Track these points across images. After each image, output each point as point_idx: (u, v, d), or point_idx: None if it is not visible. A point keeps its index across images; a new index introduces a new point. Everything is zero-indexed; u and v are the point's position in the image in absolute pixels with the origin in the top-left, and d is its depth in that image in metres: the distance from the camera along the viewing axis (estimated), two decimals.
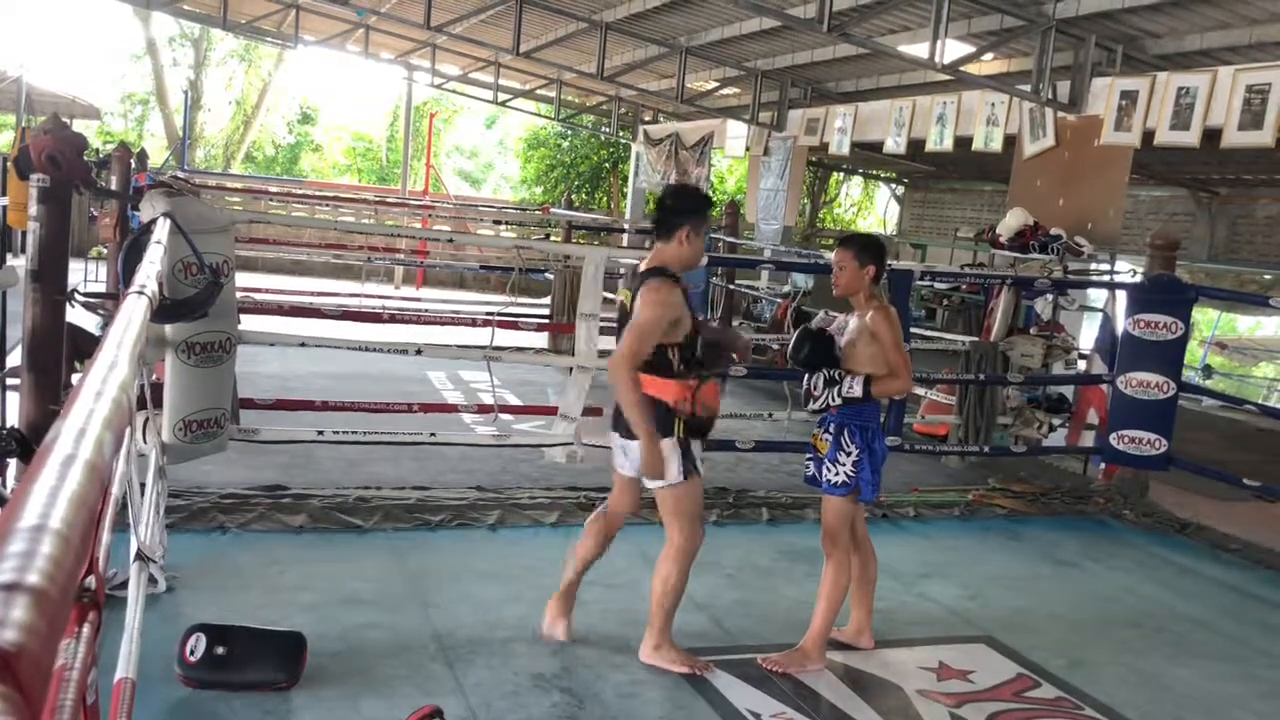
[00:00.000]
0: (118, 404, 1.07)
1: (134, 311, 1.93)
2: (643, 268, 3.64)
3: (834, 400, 3.82)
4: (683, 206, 3.57)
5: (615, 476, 3.89)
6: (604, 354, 5.97)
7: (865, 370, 3.82)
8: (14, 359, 4.98)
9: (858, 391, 3.79)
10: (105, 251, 9.78)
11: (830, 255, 4.01)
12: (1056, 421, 7.27)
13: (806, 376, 3.90)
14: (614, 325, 4.21)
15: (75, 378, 4.21)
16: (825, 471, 3.88)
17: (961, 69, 8.16)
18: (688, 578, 3.72)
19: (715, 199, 18.81)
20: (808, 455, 4.03)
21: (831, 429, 3.89)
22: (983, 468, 7.22)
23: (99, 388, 1.10)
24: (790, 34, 10.08)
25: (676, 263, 3.57)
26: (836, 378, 3.82)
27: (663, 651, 3.70)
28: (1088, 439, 7.12)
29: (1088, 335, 8.23)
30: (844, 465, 3.84)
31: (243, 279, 6.74)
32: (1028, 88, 8.13)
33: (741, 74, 12.15)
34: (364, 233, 14.37)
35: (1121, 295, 6.82)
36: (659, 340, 3.50)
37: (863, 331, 3.83)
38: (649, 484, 3.66)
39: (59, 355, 4.15)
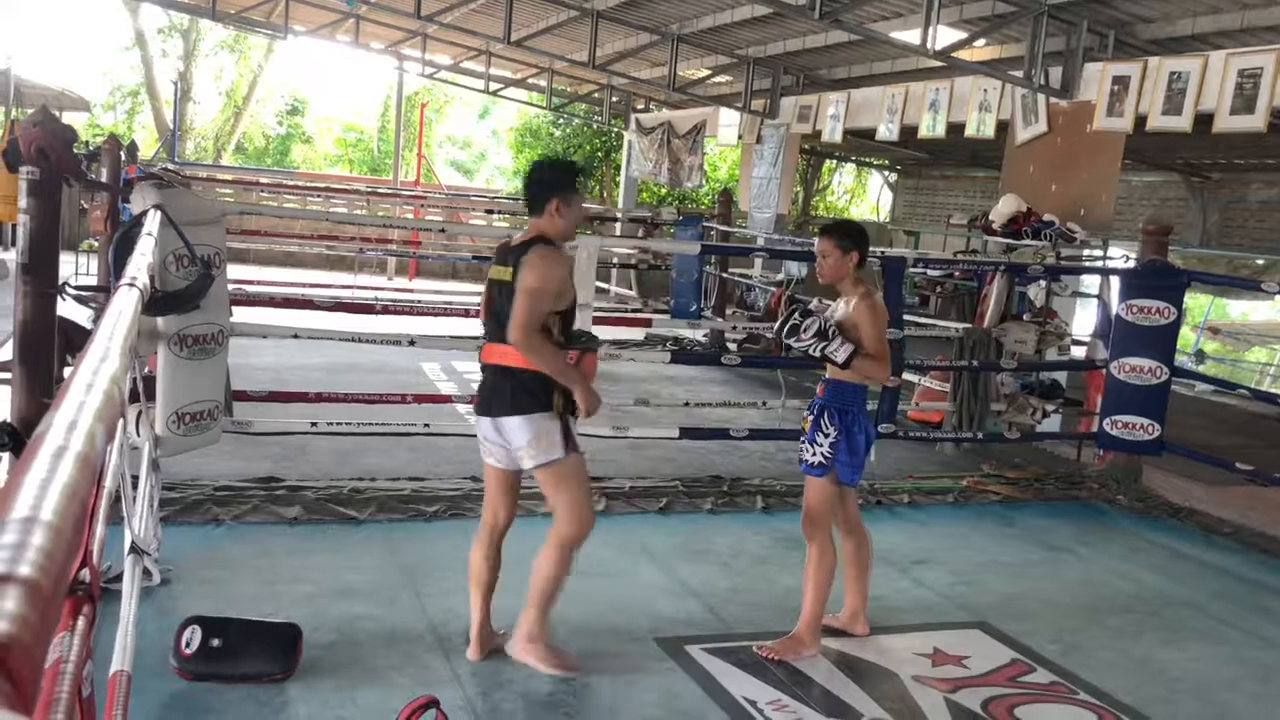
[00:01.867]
0: (109, 396, 1.06)
1: (125, 304, 1.92)
2: (515, 242, 3.53)
3: (814, 351, 3.78)
4: (549, 179, 3.48)
5: (486, 475, 3.68)
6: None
7: None
8: (5, 353, 4.96)
9: (840, 358, 3.74)
10: (96, 244, 9.74)
11: None
12: (1050, 408, 7.28)
13: (798, 313, 3.81)
14: (608, 314, 4.21)
15: (67, 371, 4.20)
16: (804, 452, 3.91)
17: (954, 55, 8.15)
18: (569, 568, 3.56)
19: (706, 186, 18.79)
20: (800, 439, 4.03)
21: (814, 408, 3.93)
22: (976, 454, 7.23)
23: (90, 380, 1.09)
24: (782, 21, 10.06)
25: (551, 234, 3.48)
26: (830, 334, 3.77)
27: (536, 647, 3.49)
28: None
29: (1080, 321, 8.24)
30: (821, 446, 3.85)
31: (234, 271, 6.72)
32: (1020, 73, 8.12)
33: (734, 62, 12.12)
34: (356, 224, 14.35)
35: (1115, 281, 6.82)
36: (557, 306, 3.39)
37: (847, 319, 3.83)
38: (527, 465, 3.47)
39: (50, 349, 4.13)
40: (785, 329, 3.83)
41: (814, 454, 3.86)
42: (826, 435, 3.85)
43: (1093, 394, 7.28)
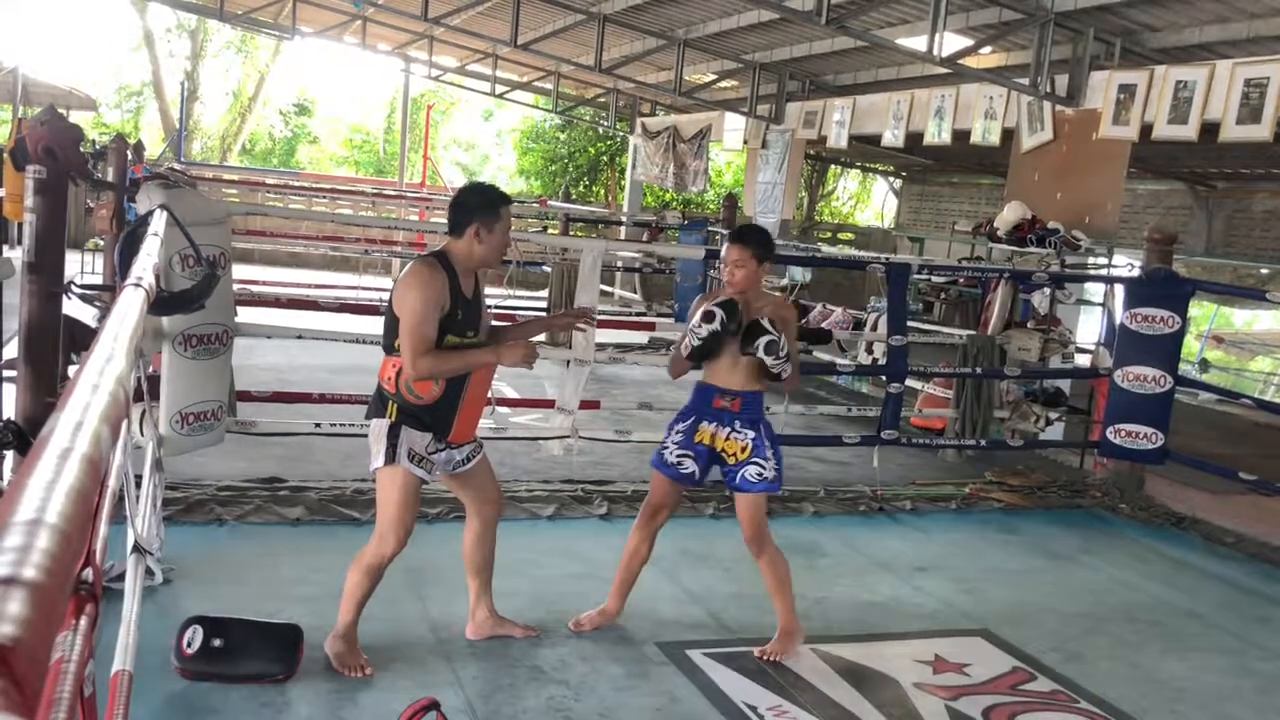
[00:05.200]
0: (114, 397, 1.07)
1: (131, 304, 1.93)
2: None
3: (774, 366, 3.68)
4: (473, 203, 3.46)
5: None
6: (601, 347, 5.96)
7: (748, 361, 3.77)
8: (10, 351, 4.97)
9: (788, 372, 3.74)
10: (102, 243, 9.75)
11: (828, 249, 4.00)
12: (1053, 415, 7.28)
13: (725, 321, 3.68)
14: (612, 318, 4.22)
15: (72, 370, 4.21)
16: (759, 471, 3.78)
17: (960, 62, 8.15)
18: (373, 584, 3.52)
19: (711, 191, 18.78)
20: (680, 449, 3.86)
21: (738, 425, 3.80)
22: (979, 461, 7.22)
23: (96, 380, 1.09)
24: (788, 26, 10.06)
25: (469, 259, 3.44)
26: (780, 355, 3.69)
27: (336, 644, 3.47)
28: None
29: (1084, 329, 8.24)
30: (772, 461, 3.79)
31: (240, 271, 6.73)
32: (1026, 81, 8.12)
33: (739, 67, 12.13)
34: (361, 225, 14.37)
35: (1119, 289, 6.82)
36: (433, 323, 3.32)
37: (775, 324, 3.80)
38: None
39: (55, 347, 4.14)
40: (765, 344, 3.69)
41: (768, 469, 3.78)
42: (771, 449, 3.81)
43: (1101, 402, 7.27)
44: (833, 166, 20.83)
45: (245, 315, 5.60)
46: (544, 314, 3.36)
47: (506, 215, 3.48)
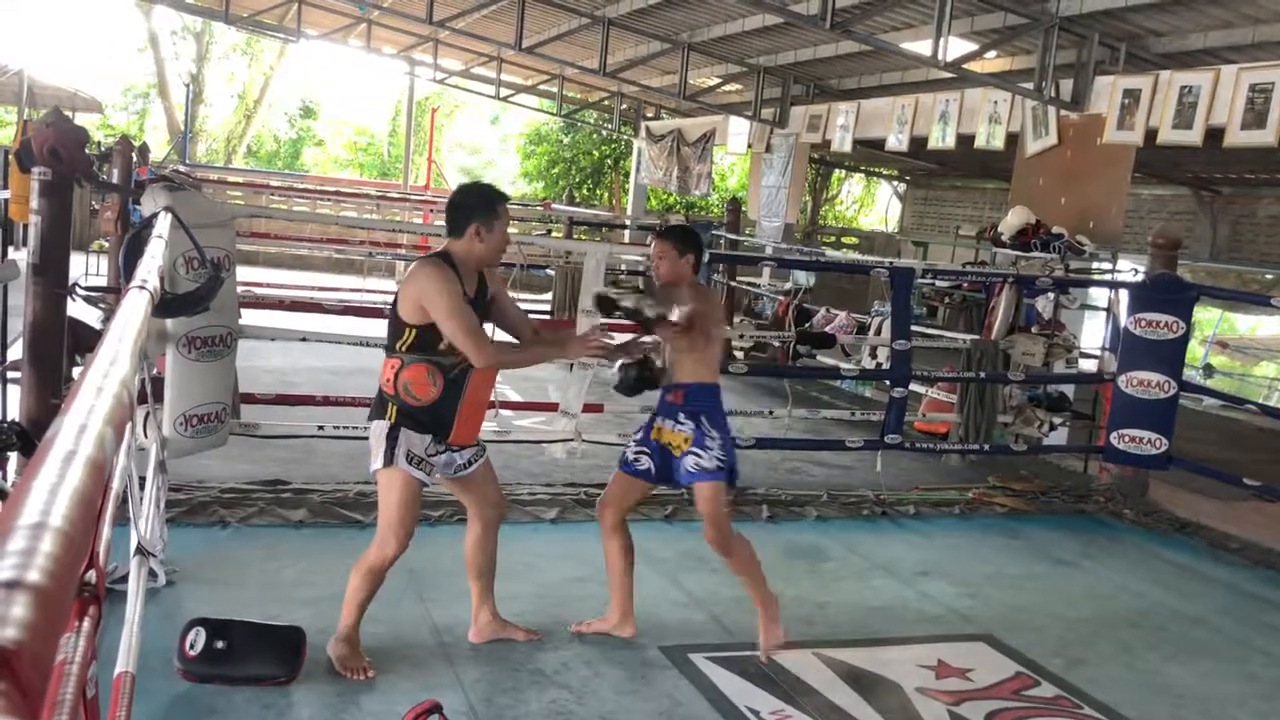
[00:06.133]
0: (119, 400, 1.07)
1: (135, 306, 1.93)
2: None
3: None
4: (471, 203, 3.47)
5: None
6: None
7: (689, 353, 3.82)
8: (15, 352, 4.98)
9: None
10: (106, 245, 9.77)
11: (832, 253, 4.02)
12: (1057, 420, 7.26)
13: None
14: (616, 321, 4.23)
15: (76, 371, 4.21)
16: (696, 461, 3.76)
17: (964, 67, 8.15)
18: (375, 587, 3.51)
19: (715, 195, 18.77)
20: (638, 446, 3.91)
21: (681, 417, 3.81)
22: (983, 466, 7.22)
23: (100, 383, 1.10)
24: (793, 30, 10.07)
25: (470, 259, 3.45)
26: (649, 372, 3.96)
27: (338, 646, 3.48)
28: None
29: (1089, 334, 8.22)
30: (714, 450, 3.76)
31: (244, 274, 6.73)
32: (1030, 86, 8.12)
33: (744, 70, 12.13)
34: (366, 228, 14.38)
35: (1123, 294, 6.81)
36: (419, 321, 3.35)
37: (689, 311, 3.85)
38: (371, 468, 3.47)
39: (60, 349, 4.15)
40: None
41: (709, 459, 3.74)
42: (715, 439, 3.78)
43: (1106, 407, 7.26)
44: (837, 170, 20.82)
45: (249, 317, 5.60)
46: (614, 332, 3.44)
47: (504, 213, 3.51)
